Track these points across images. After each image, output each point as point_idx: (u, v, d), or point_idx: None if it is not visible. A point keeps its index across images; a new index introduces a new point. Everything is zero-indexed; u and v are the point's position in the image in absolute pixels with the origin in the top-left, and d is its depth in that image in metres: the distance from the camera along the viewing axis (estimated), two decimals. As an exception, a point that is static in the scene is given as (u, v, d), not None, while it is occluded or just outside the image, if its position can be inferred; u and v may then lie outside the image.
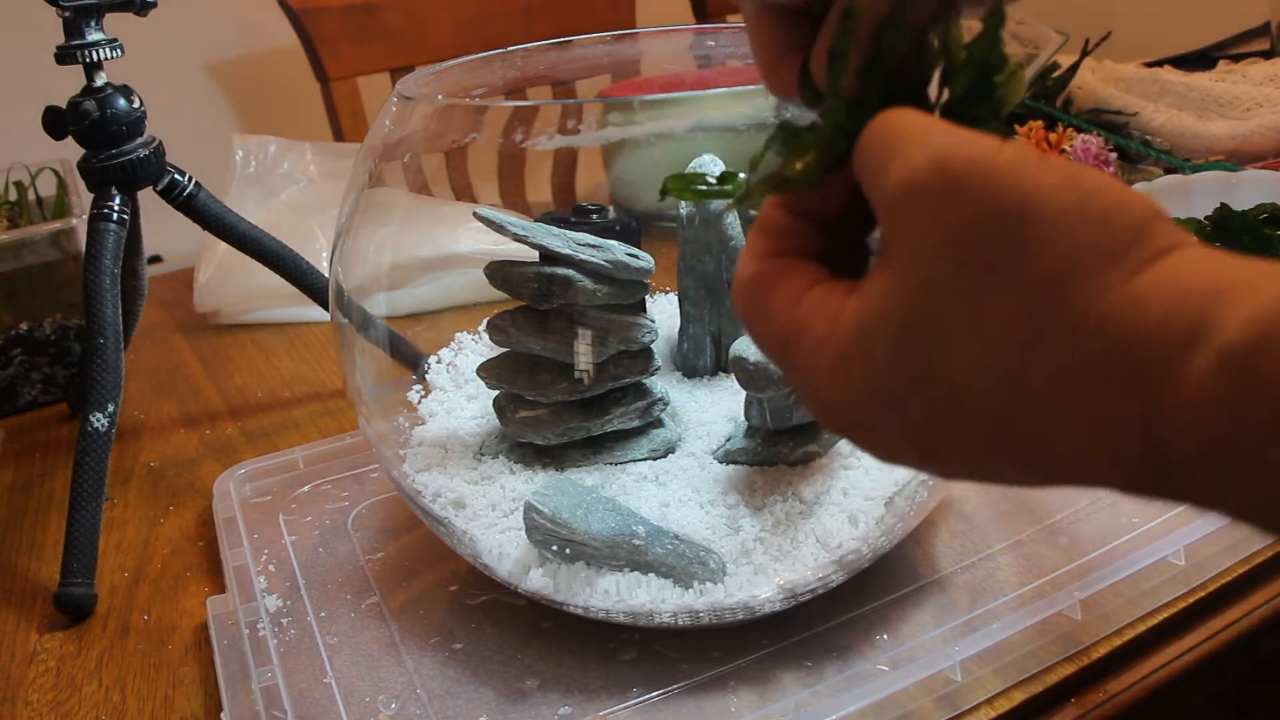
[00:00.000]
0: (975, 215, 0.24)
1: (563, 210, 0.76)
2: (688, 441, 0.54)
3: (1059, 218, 0.23)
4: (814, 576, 0.46)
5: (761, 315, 0.29)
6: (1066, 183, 0.24)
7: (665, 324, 0.60)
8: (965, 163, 0.24)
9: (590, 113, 0.49)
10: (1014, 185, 0.24)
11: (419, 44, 1.33)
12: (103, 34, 0.64)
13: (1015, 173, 0.24)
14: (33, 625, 0.56)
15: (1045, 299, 0.23)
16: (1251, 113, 1.02)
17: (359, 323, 0.56)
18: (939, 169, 0.24)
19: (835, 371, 0.27)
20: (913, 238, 0.25)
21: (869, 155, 0.27)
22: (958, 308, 0.24)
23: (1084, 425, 0.23)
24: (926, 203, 0.24)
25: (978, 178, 0.24)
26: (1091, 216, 0.23)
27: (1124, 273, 0.23)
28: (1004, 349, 0.24)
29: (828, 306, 0.27)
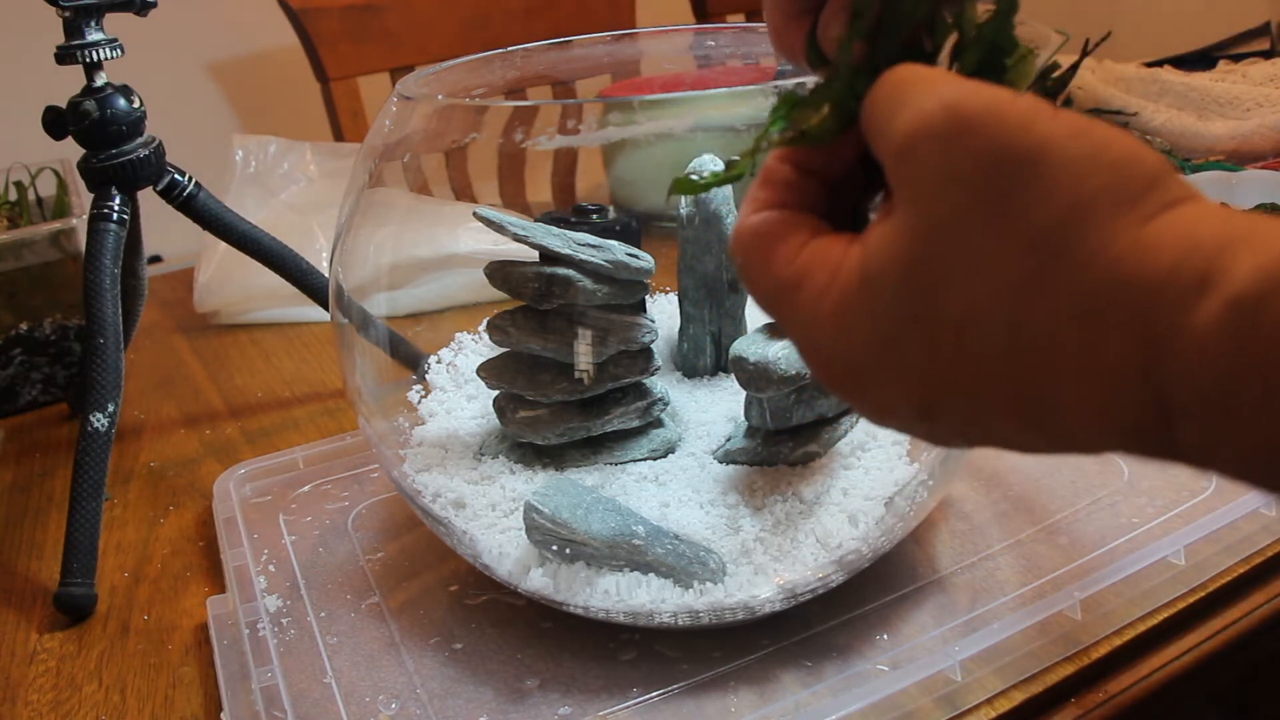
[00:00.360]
0: (985, 156, 0.24)
1: (563, 210, 0.76)
2: (688, 441, 0.54)
3: (1071, 163, 0.23)
4: (814, 576, 0.46)
5: (761, 264, 0.29)
6: (1080, 131, 0.24)
7: (665, 324, 0.60)
8: (977, 108, 0.24)
9: (590, 113, 0.49)
10: (1027, 129, 0.24)
11: (419, 44, 1.33)
12: (103, 34, 0.64)
13: (1029, 118, 0.24)
14: (33, 625, 0.56)
15: (1053, 242, 0.23)
16: (1251, 113, 1.02)
17: (359, 323, 0.56)
18: (950, 112, 0.24)
19: (835, 320, 0.27)
20: (919, 179, 0.25)
21: (879, 105, 0.27)
22: (963, 248, 0.24)
23: (1085, 373, 0.23)
24: (935, 145, 0.24)
25: (990, 121, 0.24)
26: (1105, 163, 0.23)
27: (1135, 219, 0.23)
28: (1008, 291, 0.24)
29: (830, 256, 0.27)
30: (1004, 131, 0.24)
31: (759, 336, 0.50)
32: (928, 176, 0.25)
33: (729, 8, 1.59)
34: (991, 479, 0.59)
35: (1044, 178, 0.23)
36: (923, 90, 0.25)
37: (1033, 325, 0.24)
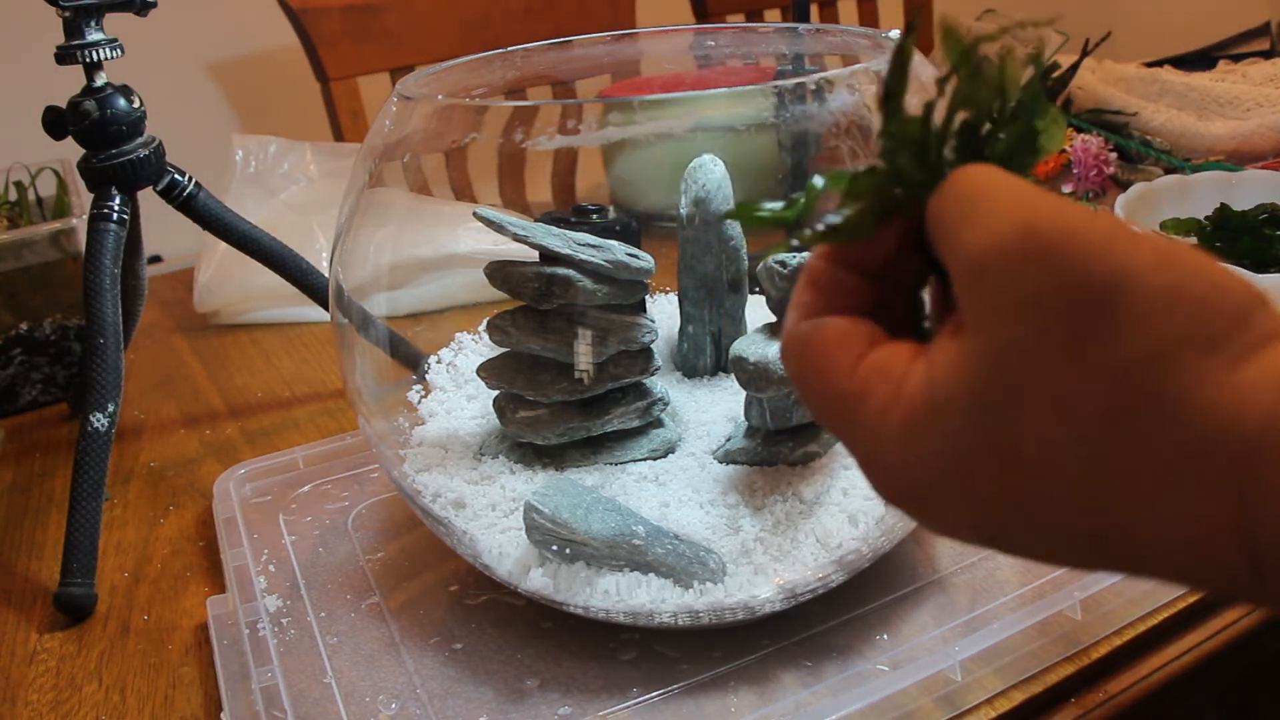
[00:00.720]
0: (1063, 283, 0.22)
1: (563, 210, 0.76)
2: (688, 441, 0.54)
3: (1155, 296, 0.22)
4: (814, 576, 0.46)
5: (817, 377, 0.27)
6: (1164, 260, 0.22)
7: (665, 324, 0.60)
8: (1056, 230, 0.23)
9: (590, 113, 0.49)
10: (1107, 256, 0.22)
11: (419, 44, 1.33)
12: (103, 34, 0.64)
13: (1109, 244, 0.22)
14: (33, 625, 0.56)
15: (1135, 381, 0.22)
16: (1251, 113, 1.02)
17: (359, 323, 0.56)
18: (1027, 234, 0.23)
19: (901, 438, 0.25)
20: (993, 303, 0.23)
21: (947, 213, 0.26)
22: (1038, 380, 0.23)
23: (1171, 522, 0.22)
24: (1011, 268, 0.23)
25: (1068, 245, 0.22)
26: (1190, 297, 0.22)
27: (1224, 362, 0.22)
28: (1086, 429, 0.22)
29: (892, 370, 0.26)
30: (1083, 258, 0.22)
31: (759, 336, 0.50)
32: (1001, 301, 0.23)
33: (729, 8, 1.59)
34: (991, 479, 0.60)
35: (1126, 312, 0.22)
36: (996, 205, 0.24)
37: (1113, 467, 0.22)
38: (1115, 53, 1.21)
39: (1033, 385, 0.23)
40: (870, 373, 0.26)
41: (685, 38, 0.68)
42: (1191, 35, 1.37)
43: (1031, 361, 0.23)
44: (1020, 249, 0.23)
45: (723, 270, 0.56)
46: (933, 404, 0.25)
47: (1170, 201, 0.78)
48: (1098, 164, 0.95)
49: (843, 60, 0.58)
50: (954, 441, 0.24)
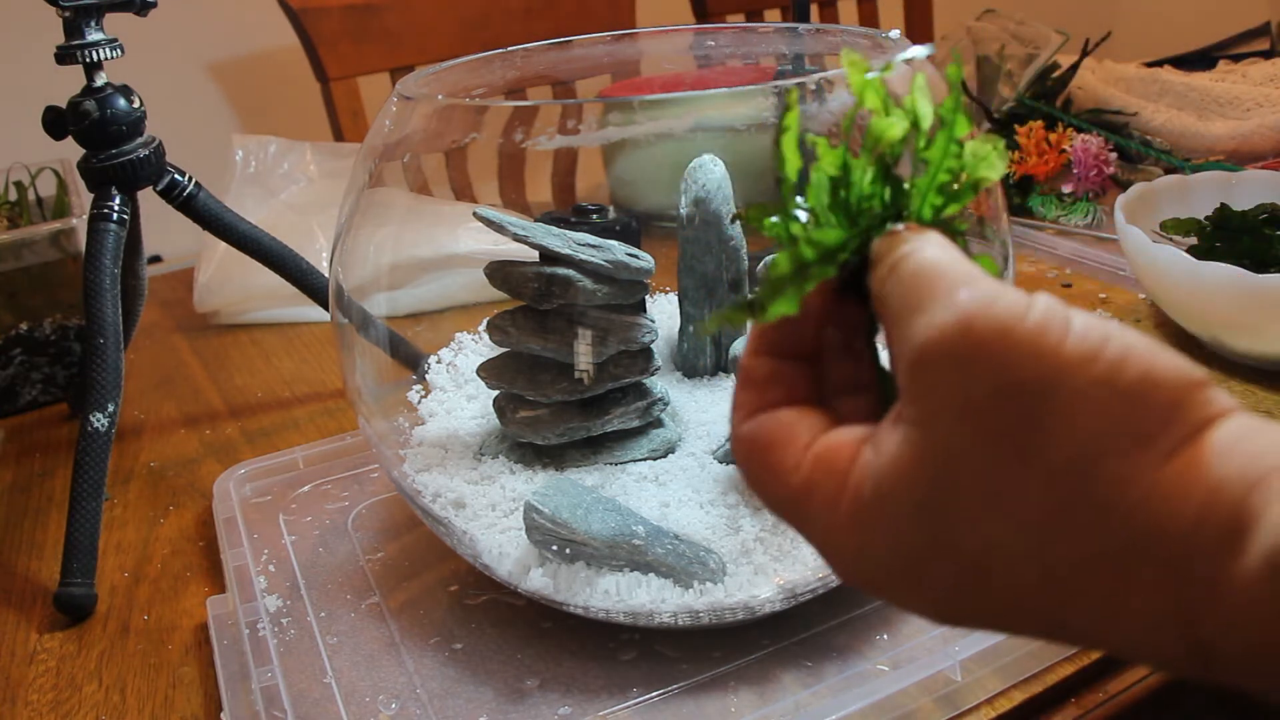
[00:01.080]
0: (998, 387, 0.23)
1: (563, 210, 0.76)
2: (688, 441, 0.54)
3: (1084, 393, 0.22)
4: (814, 576, 0.46)
5: (766, 475, 0.27)
6: (1092, 353, 0.22)
7: (665, 324, 0.60)
8: (991, 328, 0.23)
9: (590, 113, 0.49)
10: (1038, 356, 0.22)
11: (419, 44, 1.33)
12: (103, 34, 0.64)
13: (1040, 341, 0.22)
14: (33, 625, 0.56)
15: (1069, 481, 0.22)
16: (1251, 113, 1.02)
17: (359, 323, 0.56)
18: (964, 333, 0.23)
19: (851, 532, 0.26)
20: (933, 402, 0.24)
21: (891, 295, 0.26)
22: (978, 482, 0.23)
23: (1116, 614, 0.22)
24: (949, 368, 0.23)
25: (1002, 345, 0.23)
26: (1119, 392, 0.22)
27: (1155, 458, 0.22)
28: (1027, 528, 0.23)
29: (838, 462, 0.26)
30: (1015, 356, 0.22)
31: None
32: (939, 401, 0.23)
33: (729, 8, 1.59)
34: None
35: (1056, 411, 0.22)
36: (939, 298, 0.24)
37: (1055, 563, 0.23)
38: (1115, 53, 1.21)
39: (973, 487, 0.23)
40: (815, 468, 0.26)
41: (685, 38, 0.68)
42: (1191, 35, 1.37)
43: (970, 464, 0.23)
44: (956, 349, 0.23)
45: (723, 270, 0.56)
46: (880, 501, 0.25)
47: (1170, 201, 0.78)
48: (1098, 164, 0.95)
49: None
50: (901, 537, 0.24)
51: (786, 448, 0.27)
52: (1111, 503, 0.22)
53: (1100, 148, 0.95)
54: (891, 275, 0.26)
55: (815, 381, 0.29)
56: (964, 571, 0.24)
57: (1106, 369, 0.22)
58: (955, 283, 0.24)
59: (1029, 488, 0.23)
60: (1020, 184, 0.97)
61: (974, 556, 0.24)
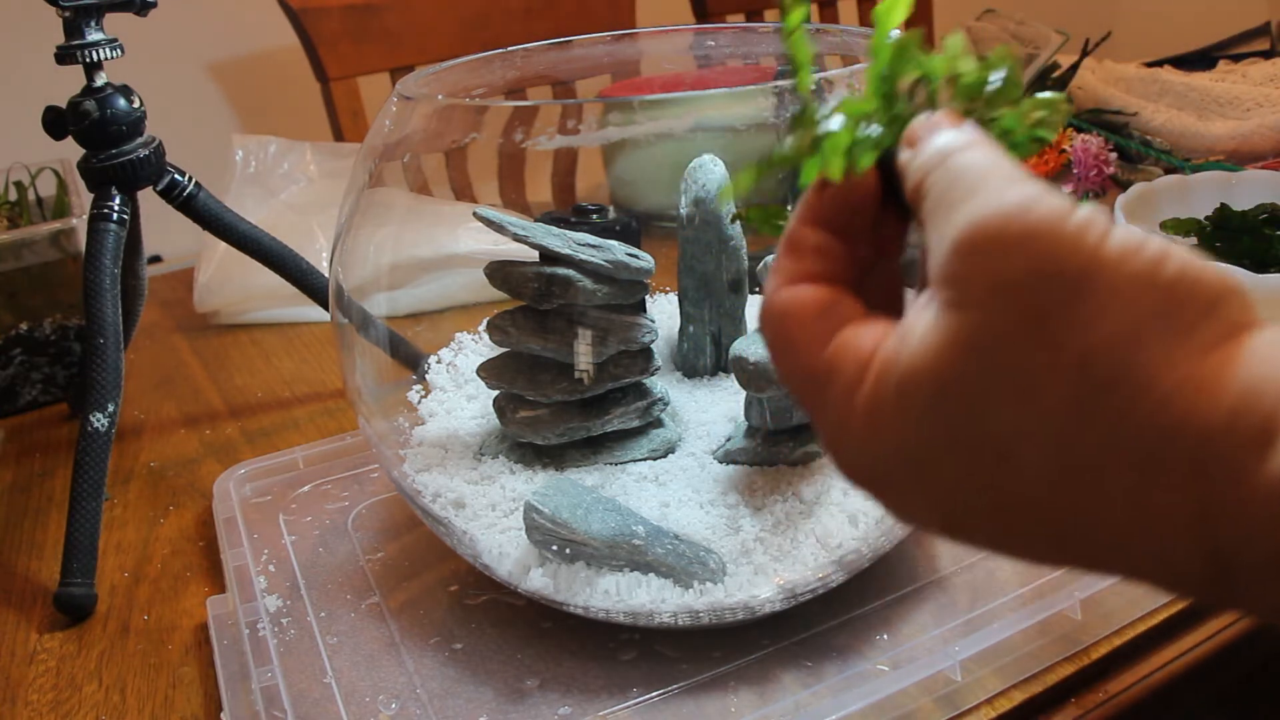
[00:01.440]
0: (1035, 273, 0.22)
1: (563, 210, 0.76)
2: (688, 441, 0.54)
3: (1123, 283, 0.22)
4: (814, 576, 0.46)
5: (788, 351, 0.27)
6: (1134, 248, 0.22)
7: (665, 324, 0.60)
8: (1035, 220, 0.23)
9: (590, 113, 0.49)
10: (1078, 246, 0.22)
11: (419, 44, 1.33)
12: (103, 34, 0.64)
13: (1082, 235, 0.22)
14: (33, 625, 0.56)
15: (1102, 368, 0.22)
16: (1251, 113, 1.02)
17: (359, 323, 0.56)
18: (1012, 221, 0.23)
19: (864, 423, 0.25)
20: (970, 285, 0.23)
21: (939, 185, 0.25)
22: (1007, 368, 0.23)
23: (1133, 515, 0.22)
24: (992, 251, 0.23)
25: (1044, 236, 0.23)
26: (1158, 285, 0.22)
27: (1190, 350, 0.21)
28: (1052, 418, 0.22)
29: (861, 349, 0.26)
30: (1057, 246, 0.22)
31: (759, 336, 0.50)
32: (976, 285, 0.23)
33: (729, 8, 1.59)
34: (991, 479, 0.60)
35: (1093, 299, 0.22)
36: (983, 192, 0.24)
37: (1078, 457, 0.22)
38: (1115, 53, 1.21)
39: (1001, 373, 0.23)
40: (839, 351, 0.26)
41: (685, 38, 0.68)
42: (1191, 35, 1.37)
43: (1001, 350, 0.23)
44: (998, 238, 0.23)
45: (723, 270, 0.56)
46: (899, 388, 0.24)
47: (1170, 201, 0.78)
48: (1098, 164, 0.95)
49: (843, 60, 0.58)
50: (917, 427, 0.24)
51: (815, 323, 0.27)
52: (1143, 392, 0.21)
53: (1100, 148, 0.95)
54: (941, 166, 0.26)
55: (857, 268, 0.28)
56: (975, 467, 0.23)
57: (1146, 264, 0.22)
58: (1006, 179, 0.24)
59: (1059, 375, 0.22)
60: (1020, 184, 0.97)
61: (991, 447, 0.23)
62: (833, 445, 0.27)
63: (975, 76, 0.28)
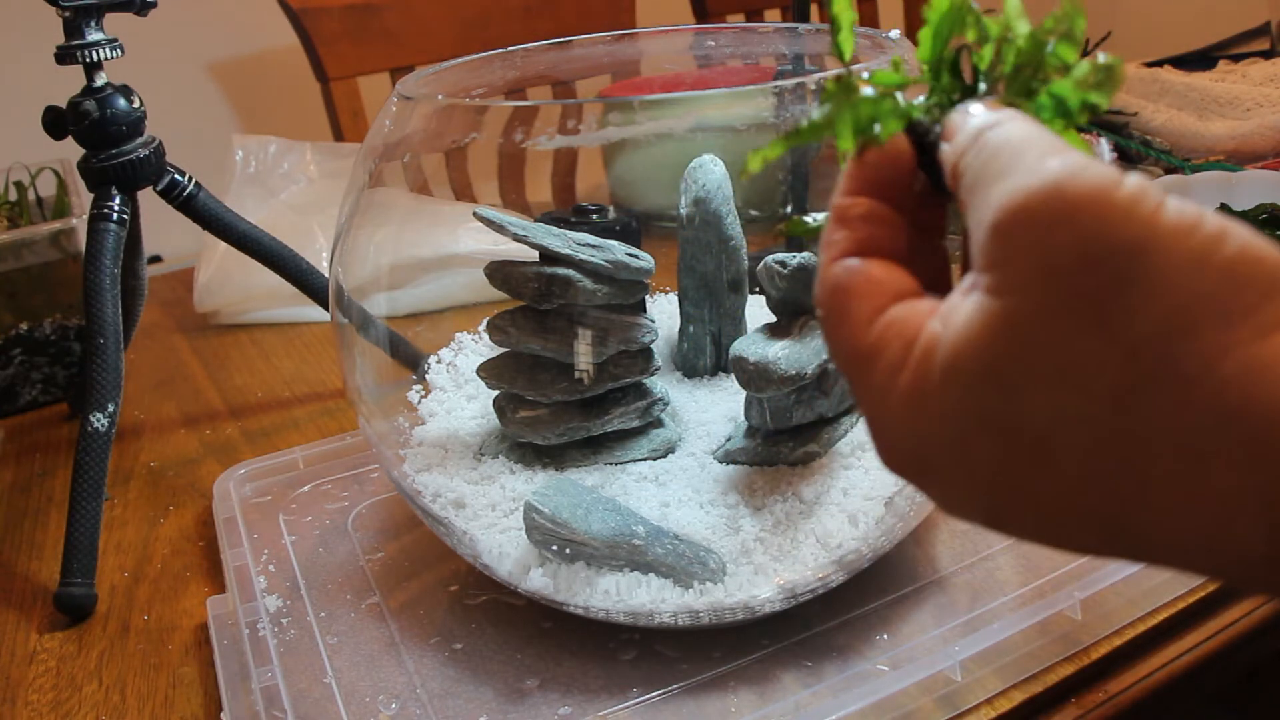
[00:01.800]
0: (1085, 250, 0.21)
1: (563, 210, 0.76)
2: (688, 441, 0.54)
3: (1179, 263, 0.21)
4: (814, 576, 0.46)
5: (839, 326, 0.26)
6: (1190, 225, 0.21)
7: (665, 324, 0.60)
8: (1083, 192, 0.22)
9: (590, 113, 0.49)
10: (1130, 221, 0.21)
11: (419, 44, 1.33)
12: (103, 34, 0.64)
13: (1133, 209, 0.21)
14: (33, 625, 0.56)
15: (1155, 352, 0.21)
16: (1251, 113, 1.02)
17: (359, 323, 0.56)
18: (1053, 196, 0.22)
19: (906, 405, 0.24)
20: (1012, 266, 0.22)
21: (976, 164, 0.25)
22: (1053, 349, 0.22)
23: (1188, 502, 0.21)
24: (1034, 230, 0.22)
25: (1093, 209, 0.21)
26: (1216, 265, 0.21)
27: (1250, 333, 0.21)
28: (1101, 403, 0.21)
29: (907, 330, 0.25)
30: (1107, 220, 0.21)
31: (759, 336, 0.50)
32: (1020, 264, 0.22)
33: (729, 8, 1.59)
34: (991, 479, 0.59)
35: (1146, 280, 0.21)
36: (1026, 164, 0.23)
37: (1128, 444, 0.21)
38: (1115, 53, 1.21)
39: (1047, 355, 0.22)
40: (887, 330, 0.25)
41: (685, 38, 0.68)
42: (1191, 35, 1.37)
43: (1047, 330, 0.22)
44: (1045, 212, 0.22)
45: (723, 270, 0.56)
46: (943, 369, 0.23)
47: (1170, 201, 0.78)
48: (1098, 164, 0.95)
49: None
50: (960, 410, 0.23)
51: (866, 300, 0.26)
52: (1199, 376, 0.21)
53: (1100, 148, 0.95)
54: (975, 144, 0.25)
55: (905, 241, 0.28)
56: (1022, 449, 0.23)
57: (1203, 241, 0.21)
58: (1045, 151, 0.23)
59: (1109, 358, 0.21)
60: (1020, 184, 0.97)
61: (1036, 432, 0.22)
62: (873, 428, 0.26)
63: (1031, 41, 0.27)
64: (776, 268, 0.50)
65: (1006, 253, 0.23)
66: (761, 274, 0.50)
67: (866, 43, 0.55)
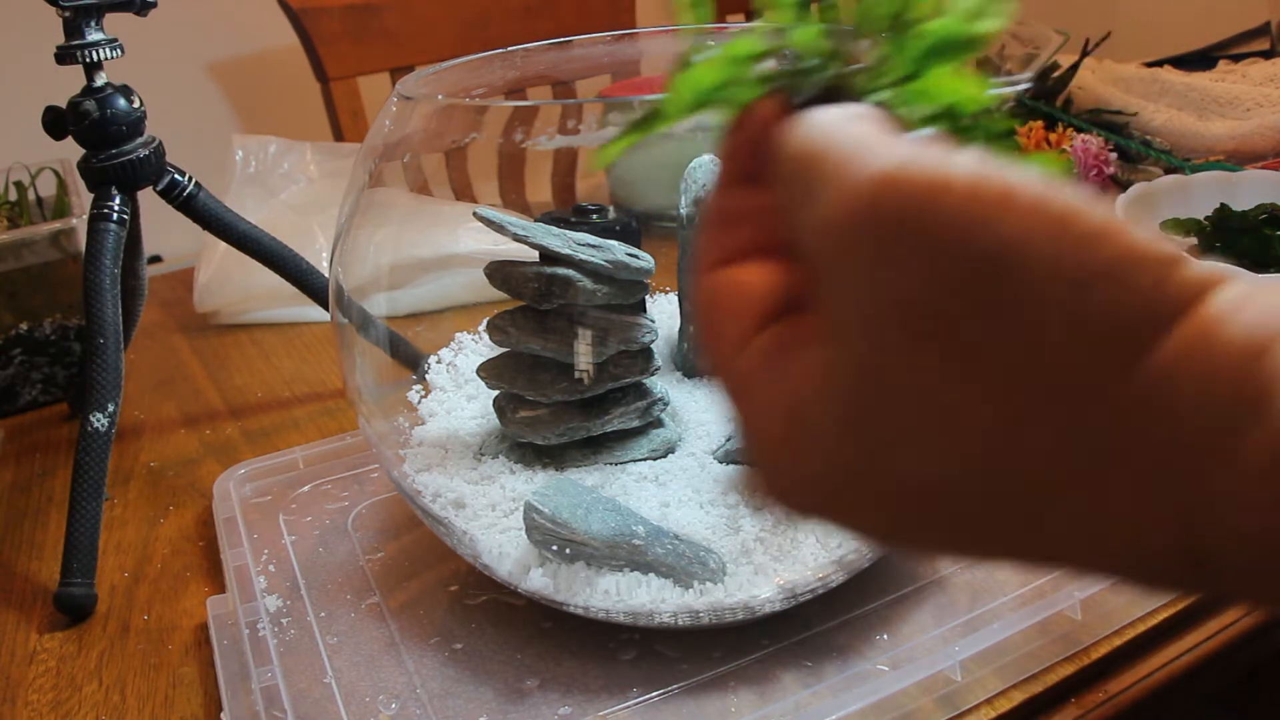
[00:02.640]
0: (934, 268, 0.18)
1: (563, 210, 0.76)
2: (688, 441, 0.54)
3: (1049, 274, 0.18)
4: (814, 576, 0.46)
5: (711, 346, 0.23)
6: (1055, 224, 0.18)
7: (665, 324, 0.60)
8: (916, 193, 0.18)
9: (590, 113, 0.49)
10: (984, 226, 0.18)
11: (419, 44, 1.33)
12: (103, 34, 0.64)
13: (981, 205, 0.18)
14: (33, 625, 0.56)
15: (1036, 380, 0.18)
16: (1251, 113, 1.02)
17: (359, 323, 0.56)
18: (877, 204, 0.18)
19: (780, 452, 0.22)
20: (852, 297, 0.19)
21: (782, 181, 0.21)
22: (916, 393, 0.19)
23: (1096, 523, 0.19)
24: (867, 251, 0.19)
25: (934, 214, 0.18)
26: (1094, 271, 0.18)
27: (1140, 342, 0.18)
28: (981, 443, 0.19)
29: (771, 363, 0.22)
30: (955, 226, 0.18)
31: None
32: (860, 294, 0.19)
33: (729, 8, 1.59)
34: (991, 479, 0.60)
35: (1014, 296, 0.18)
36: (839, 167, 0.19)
37: (1025, 475, 0.19)
38: (1115, 53, 1.21)
39: (910, 400, 0.19)
40: (753, 360, 0.22)
41: (685, 38, 0.68)
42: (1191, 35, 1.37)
43: (905, 370, 0.19)
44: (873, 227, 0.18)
45: (723, 270, 0.56)
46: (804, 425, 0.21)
47: (1170, 201, 0.78)
48: (1098, 164, 0.95)
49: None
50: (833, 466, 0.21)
51: (736, 317, 0.23)
52: (1089, 397, 0.18)
53: (1100, 148, 0.95)
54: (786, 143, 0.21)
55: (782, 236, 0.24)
56: (904, 497, 0.20)
57: (1076, 243, 0.18)
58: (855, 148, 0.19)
59: (983, 392, 0.19)
60: (1020, 184, 0.97)
61: (915, 481, 0.20)
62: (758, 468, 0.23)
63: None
64: (776, 268, 0.50)
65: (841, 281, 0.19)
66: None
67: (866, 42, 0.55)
